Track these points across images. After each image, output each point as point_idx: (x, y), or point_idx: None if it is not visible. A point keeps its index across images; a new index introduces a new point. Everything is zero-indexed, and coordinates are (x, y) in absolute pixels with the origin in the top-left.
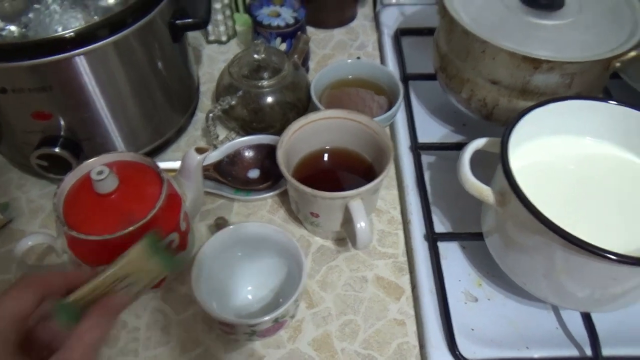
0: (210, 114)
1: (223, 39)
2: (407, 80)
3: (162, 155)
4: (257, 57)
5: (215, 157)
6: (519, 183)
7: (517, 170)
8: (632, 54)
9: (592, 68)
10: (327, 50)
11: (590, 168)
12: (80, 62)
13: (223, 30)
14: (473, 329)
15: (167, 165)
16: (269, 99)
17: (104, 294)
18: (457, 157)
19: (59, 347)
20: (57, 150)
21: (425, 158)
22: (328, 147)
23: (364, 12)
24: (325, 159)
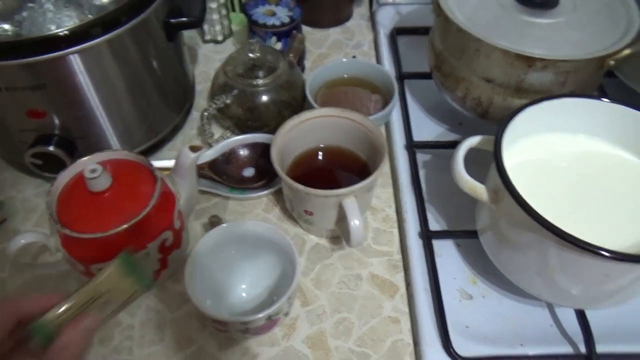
0: (205, 113)
1: (219, 39)
2: (402, 79)
3: (157, 154)
4: (252, 56)
5: (210, 155)
6: (513, 180)
7: (511, 168)
8: (626, 52)
9: (586, 66)
10: (323, 50)
11: (584, 165)
12: (75, 60)
13: (219, 30)
14: (467, 327)
15: (161, 164)
16: (264, 98)
17: (80, 313)
18: (452, 155)
19: None
20: (51, 149)
21: (421, 156)
22: (322, 145)
23: (360, 11)
24: (320, 157)
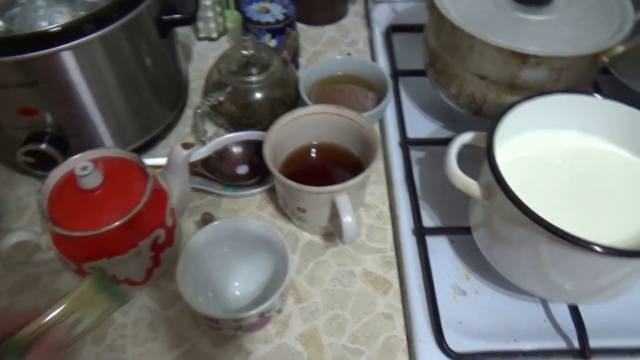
0: (198, 110)
1: (214, 36)
2: (397, 77)
3: (151, 152)
4: (245, 53)
5: (204, 153)
6: (506, 177)
7: (504, 164)
8: (619, 49)
9: (579, 63)
10: (317, 47)
11: (578, 162)
12: (66, 57)
13: (213, 27)
14: (461, 322)
15: (154, 162)
16: (258, 95)
17: (49, 329)
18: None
19: None
20: (43, 147)
21: (415, 153)
22: (315, 142)
23: (355, 9)
24: (313, 155)
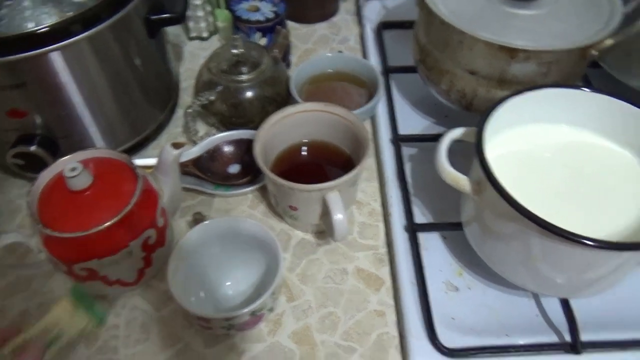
0: (189, 110)
1: (204, 35)
2: (388, 73)
3: (142, 152)
4: (235, 52)
5: (195, 152)
6: (496, 171)
7: (494, 159)
8: (608, 43)
9: (568, 57)
10: (309, 45)
11: (567, 155)
12: (55, 58)
13: (204, 27)
14: (454, 318)
15: (144, 162)
16: (248, 94)
17: (25, 346)
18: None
19: None
20: (33, 149)
21: (407, 150)
22: (306, 140)
23: (346, 6)
24: (304, 153)
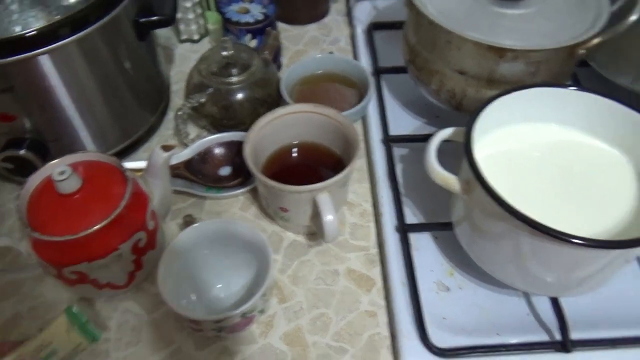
0: (179, 112)
1: (195, 38)
2: (379, 74)
3: (133, 155)
4: (225, 54)
5: (186, 155)
6: (485, 171)
7: (483, 158)
8: (595, 41)
9: (556, 56)
10: (299, 46)
11: (556, 154)
12: (43, 61)
13: (195, 29)
14: (445, 318)
15: (134, 165)
16: (239, 96)
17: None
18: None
19: None
20: (22, 153)
21: (398, 150)
22: (296, 141)
23: (337, 7)
24: (295, 154)
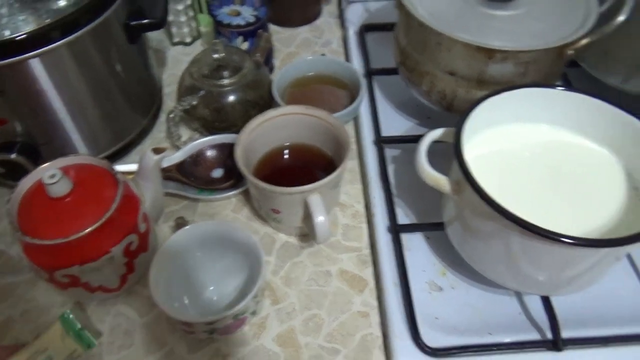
0: (171, 115)
1: (187, 40)
2: (371, 75)
3: (125, 158)
4: (216, 56)
5: (178, 157)
6: (476, 171)
7: (474, 159)
8: (584, 42)
9: (545, 56)
10: (291, 49)
11: (547, 154)
12: (34, 65)
13: (187, 32)
14: (437, 318)
15: (126, 168)
16: (231, 98)
17: None
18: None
19: None
20: (13, 157)
21: (390, 151)
22: (288, 143)
23: (329, 9)
24: (286, 156)
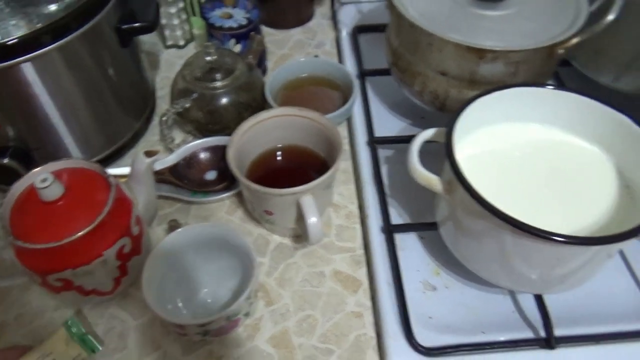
0: (164, 118)
1: (180, 43)
2: (364, 76)
3: (119, 162)
4: (209, 59)
5: (171, 160)
6: (468, 171)
7: (466, 158)
8: (574, 41)
9: (535, 56)
10: (285, 50)
11: (538, 153)
12: (26, 69)
13: (180, 35)
14: (431, 317)
15: (119, 171)
16: (224, 100)
17: None
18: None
19: None
20: (5, 161)
21: (383, 152)
22: (281, 145)
23: (322, 11)
24: (279, 157)
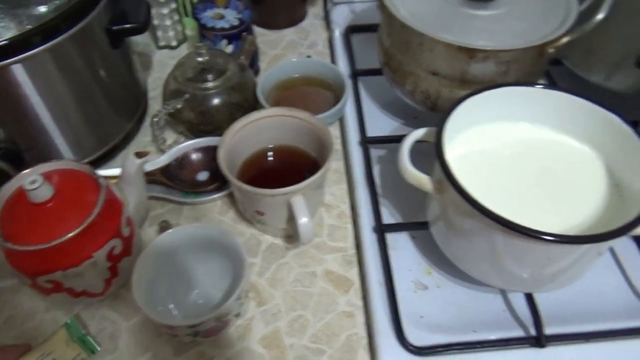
0: (155, 119)
1: (173, 44)
2: (356, 76)
3: (111, 163)
4: (200, 59)
5: (163, 161)
6: (458, 170)
7: (457, 158)
8: (564, 40)
9: (526, 55)
10: (277, 51)
11: (529, 152)
12: (16, 70)
13: (172, 35)
14: (422, 317)
15: (109, 172)
16: (215, 101)
17: None
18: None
19: None
20: None
21: (375, 152)
22: (272, 145)
23: (315, 11)
24: (270, 158)
